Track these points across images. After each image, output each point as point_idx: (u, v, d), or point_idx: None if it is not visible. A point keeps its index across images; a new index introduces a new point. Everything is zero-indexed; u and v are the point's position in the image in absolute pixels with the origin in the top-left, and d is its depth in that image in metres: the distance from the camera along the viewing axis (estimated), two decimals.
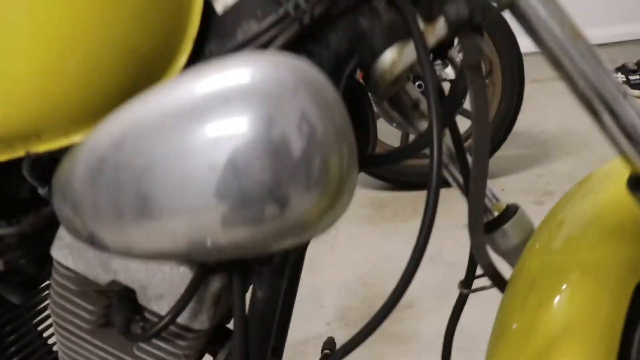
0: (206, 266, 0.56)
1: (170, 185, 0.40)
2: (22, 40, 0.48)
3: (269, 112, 0.38)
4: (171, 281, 0.56)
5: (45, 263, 0.67)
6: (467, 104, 1.77)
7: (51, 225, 0.62)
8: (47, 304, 0.77)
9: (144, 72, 0.52)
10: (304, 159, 0.38)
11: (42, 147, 0.54)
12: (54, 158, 0.57)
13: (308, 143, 0.39)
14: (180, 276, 0.55)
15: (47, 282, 0.79)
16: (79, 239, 0.49)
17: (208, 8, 0.54)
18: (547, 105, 3.02)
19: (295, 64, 0.41)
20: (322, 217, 0.41)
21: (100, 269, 0.58)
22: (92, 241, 0.47)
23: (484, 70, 0.55)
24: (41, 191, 0.60)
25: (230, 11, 0.54)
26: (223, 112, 0.38)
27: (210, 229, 0.40)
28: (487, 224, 0.76)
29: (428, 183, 0.51)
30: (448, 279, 1.77)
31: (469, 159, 0.72)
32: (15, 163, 0.56)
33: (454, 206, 2.13)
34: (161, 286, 0.56)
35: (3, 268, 0.61)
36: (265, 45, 0.52)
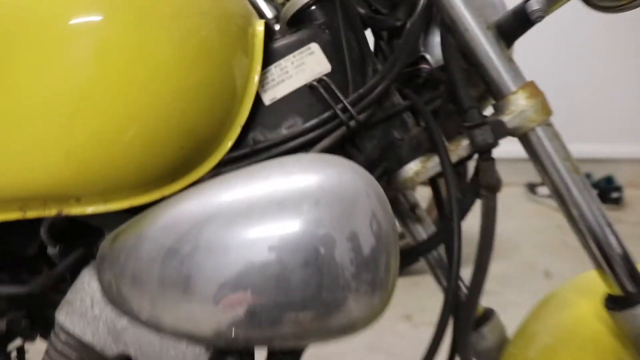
0: (222, 349, 0.56)
1: (223, 278, 0.42)
2: (90, 105, 0.49)
3: (349, 215, 0.42)
4: (185, 358, 0.56)
5: (36, 325, 0.65)
6: None
7: (53, 287, 0.61)
8: None
9: (195, 152, 0.54)
10: (373, 258, 0.42)
11: (76, 210, 0.54)
12: (73, 220, 0.57)
13: (377, 242, 0.42)
14: (194, 356, 0.56)
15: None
16: (125, 312, 0.49)
17: (256, 98, 0.58)
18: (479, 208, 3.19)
19: (360, 169, 0.46)
20: (377, 316, 0.44)
21: (110, 339, 0.57)
22: (142, 316, 0.47)
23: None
24: (51, 251, 0.60)
25: (277, 104, 0.58)
26: (312, 214, 0.41)
27: (272, 321, 0.42)
28: None
29: (447, 286, 0.55)
30: None
31: None
32: (32, 220, 0.56)
33: (395, 297, 2.19)
34: None
35: (4, 328, 0.59)
36: (310, 143, 0.56)
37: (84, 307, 0.58)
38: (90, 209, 0.53)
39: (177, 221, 0.43)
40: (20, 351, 0.77)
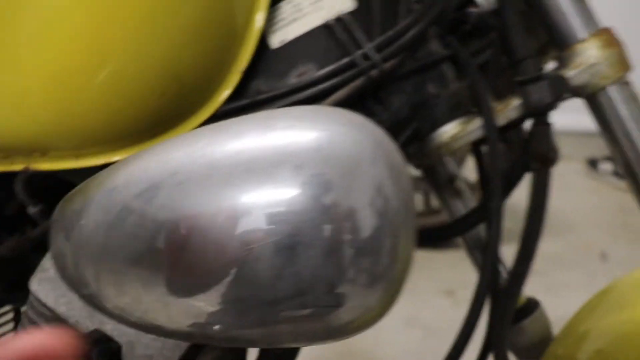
0: None
1: (202, 252, 0.32)
2: (51, 37, 0.41)
3: (343, 184, 0.31)
4: (164, 345, 0.48)
5: (18, 289, 0.59)
6: None
7: (34, 250, 0.55)
8: None
9: (180, 102, 0.45)
10: (373, 241, 0.32)
11: (45, 166, 0.47)
12: (52, 176, 0.50)
13: (381, 222, 0.32)
14: (174, 343, 0.48)
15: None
16: (69, 285, 0.41)
17: (262, 40, 0.48)
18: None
19: (373, 130, 0.35)
20: (379, 316, 0.34)
21: (85, 313, 0.50)
22: (87, 293, 0.39)
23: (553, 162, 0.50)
24: (31, 210, 0.53)
25: (287, 47, 0.48)
26: (288, 180, 0.31)
27: (239, 317, 0.32)
28: None
29: (480, 277, 0.45)
30: (427, 344, 1.72)
31: None
32: (8, 175, 0.49)
33: (436, 271, 2.10)
34: (152, 347, 0.48)
35: None
36: (322, 95, 0.46)
37: (58, 275, 0.51)
38: (60, 165, 0.46)
39: (128, 182, 0.34)
40: (17, 313, 0.73)
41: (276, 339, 0.33)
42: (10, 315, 0.72)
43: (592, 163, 2.84)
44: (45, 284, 0.51)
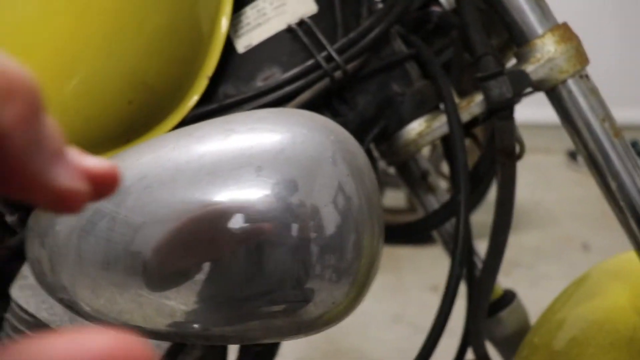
0: None
1: (171, 252, 0.33)
2: (16, 49, 0.42)
3: (306, 184, 0.33)
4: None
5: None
6: None
7: (13, 258, 0.55)
8: None
9: (150, 108, 0.46)
10: (337, 238, 0.33)
11: None
12: None
13: (343, 219, 0.33)
14: (155, 343, 0.49)
15: None
16: (47, 290, 0.42)
17: (228, 45, 0.49)
18: (518, 177, 3.06)
19: (334, 130, 0.37)
20: (347, 310, 0.36)
21: (67, 318, 0.51)
22: (64, 298, 0.40)
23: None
24: (9, 218, 0.53)
25: (252, 52, 0.49)
26: (251, 181, 0.32)
27: (212, 314, 0.33)
28: None
29: (452, 259, 0.47)
30: (414, 340, 1.73)
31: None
32: None
33: (421, 267, 2.11)
34: None
35: None
36: (288, 97, 0.47)
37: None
38: None
39: (129, 183, 0.35)
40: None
41: (248, 336, 0.34)
42: None
43: (572, 155, 2.87)
44: (25, 290, 0.52)
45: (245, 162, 0.32)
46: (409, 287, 2.06)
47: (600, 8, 2.62)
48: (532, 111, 0.49)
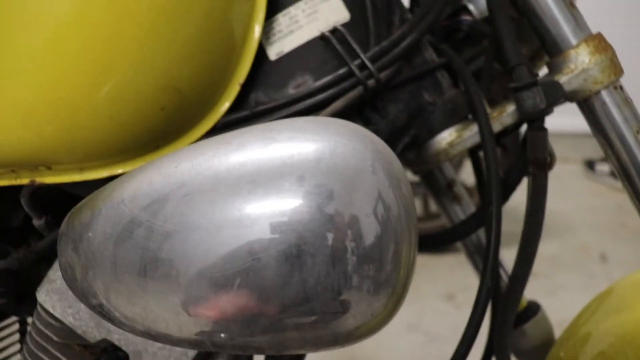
0: None
1: (209, 261, 0.33)
2: (54, 55, 0.42)
3: (346, 193, 0.32)
4: (171, 353, 0.49)
5: (23, 301, 0.60)
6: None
7: (39, 262, 0.55)
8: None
9: (182, 114, 0.46)
10: (377, 248, 0.33)
11: (50, 179, 0.48)
12: (56, 189, 0.50)
13: (383, 229, 0.33)
14: (181, 351, 0.49)
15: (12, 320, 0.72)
16: (78, 295, 0.42)
17: (260, 52, 0.49)
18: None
19: (372, 139, 0.36)
20: (384, 321, 0.35)
21: (92, 323, 0.51)
22: (95, 303, 0.40)
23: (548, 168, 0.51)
24: (36, 222, 0.54)
25: (284, 59, 0.49)
26: (293, 191, 0.32)
27: (248, 324, 0.33)
28: None
29: (481, 282, 0.46)
30: (428, 349, 1.72)
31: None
32: (13, 188, 0.50)
33: (438, 275, 2.10)
34: (159, 355, 0.49)
35: None
36: (320, 105, 0.47)
37: (65, 287, 0.52)
38: (64, 178, 0.47)
39: (135, 195, 0.35)
40: (22, 324, 0.73)
41: (284, 346, 0.34)
42: (16, 327, 0.72)
43: (590, 164, 2.84)
44: (52, 295, 0.52)
45: (287, 171, 0.32)
46: (424, 296, 2.05)
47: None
48: (549, 120, 0.49)
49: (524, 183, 0.55)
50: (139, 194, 0.35)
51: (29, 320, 0.69)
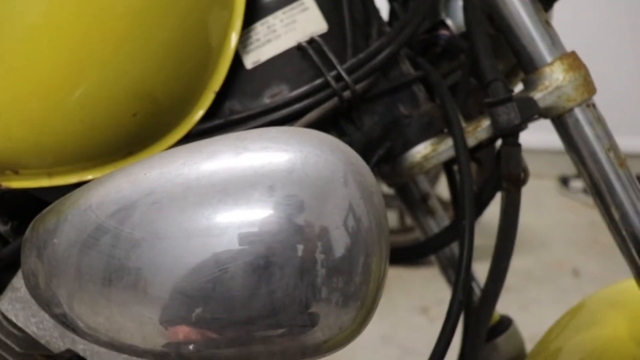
0: None
1: (176, 270, 0.33)
2: (26, 53, 0.41)
3: (317, 204, 0.32)
4: None
5: None
6: None
7: (4, 269, 0.54)
8: None
9: (154, 121, 0.46)
10: (346, 260, 0.32)
11: (17, 184, 0.47)
12: (23, 194, 0.49)
13: (353, 241, 0.33)
14: None
15: None
16: (41, 304, 0.41)
17: (236, 60, 0.48)
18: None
19: (345, 151, 0.36)
20: (353, 335, 0.35)
21: (56, 333, 0.49)
22: (58, 312, 0.39)
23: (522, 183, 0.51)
24: (2, 228, 0.52)
25: (260, 68, 0.49)
26: (263, 201, 0.31)
27: (214, 336, 0.32)
28: None
29: (452, 296, 0.46)
30: None
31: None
32: None
33: (411, 288, 2.11)
34: None
35: None
36: (295, 115, 0.47)
37: (29, 295, 0.50)
38: (32, 184, 0.46)
39: (102, 201, 0.34)
40: None
41: (251, 358, 0.33)
42: None
43: (564, 180, 2.89)
44: (15, 303, 0.51)
45: (257, 181, 0.32)
46: (398, 308, 2.05)
47: (614, 33, 2.64)
48: (524, 136, 0.49)
49: (498, 197, 0.55)
50: (107, 201, 0.34)
51: None
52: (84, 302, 0.35)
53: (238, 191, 0.32)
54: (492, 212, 0.61)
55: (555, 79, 0.49)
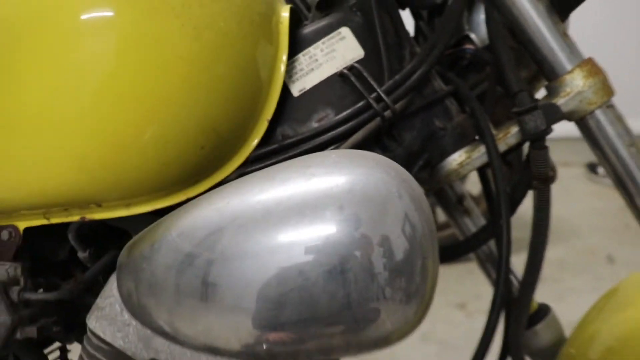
0: None
1: (266, 284, 0.38)
2: (103, 106, 0.47)
3: (379, 218, 0.38)
4: None
5: (71, 328, 0.64)
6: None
7: (87, 292, 0.60)
8: None
9: (218, 152, 0.51)
10: (407, 263, 0.38)
11: (99, 215, 0.52)
12: (100, 223, 0.55)
13: (411, 246, 0.38)
14: None
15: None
16: (141, 321, 0.47)
17: (284, 89, 0.54)
18: None
19: (394, 168, 0.42)
20: (414, 327, 0.40)
21: (141, 345, 0.55)
22: (156, 326, 0.45)
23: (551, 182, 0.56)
24: (81, 255, 0.58)
25: (306, 95, 0.54)
26: (336, 219, 0.37)
27: (298, 336, 0.38)
28: None
29: (495, 288, 0.51)
30: (442, 359, 1.75)
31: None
32: (60, 225, 0.54)
33: (448, 285, 2.13)
34: None
35: (36, 335, 0.58)
36: (342, 137, 0.52)
37: (113, 313, 0.56)
38: (112, 214, 0.51)
39: (192, 228, 0.39)
40: (63, 351, 0.77)
41: (331, 351, 0.39)
42: (57, 354, 0.76)
43: (592, 167, 2.88)
44: (102, 321, 0.56)
45: (328, 202, 0.37)
46: (435, 305, 2.07)
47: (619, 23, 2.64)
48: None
49: (530, 192, 0.60)
50: (197, 227, 0.40)
51: (69, 347, 0.73)
52: (183, 316, 0.40)
53: (313, 212, 0.37)
54: (525, 204, 0.66)
55: (576, 85, 0.53)
